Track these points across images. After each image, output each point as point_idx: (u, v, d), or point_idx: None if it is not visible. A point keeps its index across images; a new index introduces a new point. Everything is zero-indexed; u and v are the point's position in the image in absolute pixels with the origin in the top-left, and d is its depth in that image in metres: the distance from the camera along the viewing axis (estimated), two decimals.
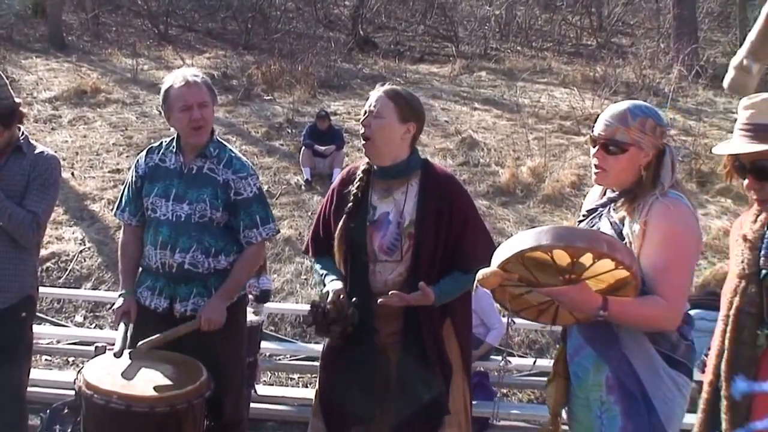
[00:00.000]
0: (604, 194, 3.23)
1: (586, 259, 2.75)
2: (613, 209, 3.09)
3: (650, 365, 2.93)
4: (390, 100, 3.70)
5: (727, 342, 2.29)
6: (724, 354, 2.32)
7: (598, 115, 3.14)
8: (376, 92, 3.76)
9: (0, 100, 4.10)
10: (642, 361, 2.94)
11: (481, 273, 2.89)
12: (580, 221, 3.27)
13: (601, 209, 3.16)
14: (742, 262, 2.38)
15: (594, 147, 3.10)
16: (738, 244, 2.51)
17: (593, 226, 3.13)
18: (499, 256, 2.88)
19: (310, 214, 11.08)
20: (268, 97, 16.51)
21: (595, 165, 3.10)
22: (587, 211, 3.25)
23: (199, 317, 3.94)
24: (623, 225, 3.00)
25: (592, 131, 3.13)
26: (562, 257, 2.78)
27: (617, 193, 3.11)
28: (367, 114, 3.71)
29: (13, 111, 4.17)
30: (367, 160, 3.85)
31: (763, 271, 2.50)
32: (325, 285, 3.80)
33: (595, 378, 3.09)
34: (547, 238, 2.75)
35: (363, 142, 3.72)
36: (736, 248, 2.60)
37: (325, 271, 3.89)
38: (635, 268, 2.78)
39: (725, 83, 1.21)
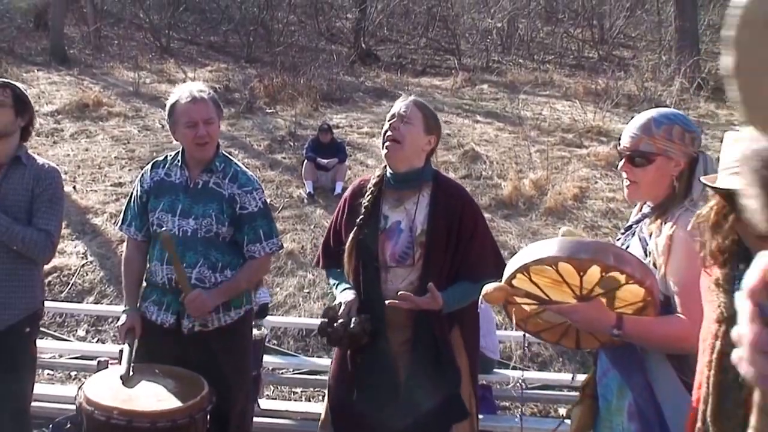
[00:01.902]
0: (641, 210, 3.12)
1: (594, 273, 2.65)
2: (645, 225, 2.95)
3: (674, 397, 2.74)
4: (418, 109, 3.77)
5: (711, 387, 2.17)
6: (709, 400, 2.19)
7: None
8: (405, 99, 3.83)
9: (15, 87, 4.25)
10: (666, 392, 2.77)
11: (486, 288, 2.85)
12: (618, 239, 3.15)
13: (635, 226, 3.04)
14: (719, 306, 2.22)
15: (621, 161, 2.98)
16: (711, 290, 2.31)
17: (626, 244, 3.02)
18: (506, 270, 2.82)
19: (312, 227, 11.08)
20: (271, 110, 16.54)
21: (626, 179, 2.98)
22: (625, 228, 3.13)
23: (186, 294, 3.93)
24: (649, 241, 2.86)
25: (618, 144, 3.01)
26: (569, 272, 2.69)
27: (651, 207, 2.98)
28: (396, 118, 3.74)
29: (26, 102, 4.28)
30: (379, 172, 3.89)
31: None
32: (336, 296, 3.83)
33: (618, 403, 2.97)
34: (550, 250, 2.67)
35: (387, 143, 3.72)
36: (709, 294, 2.38)
37: (336, 281, 3.93)
38: (649, 283, 2.64)
39: None
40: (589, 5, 24.62)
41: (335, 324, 3.63)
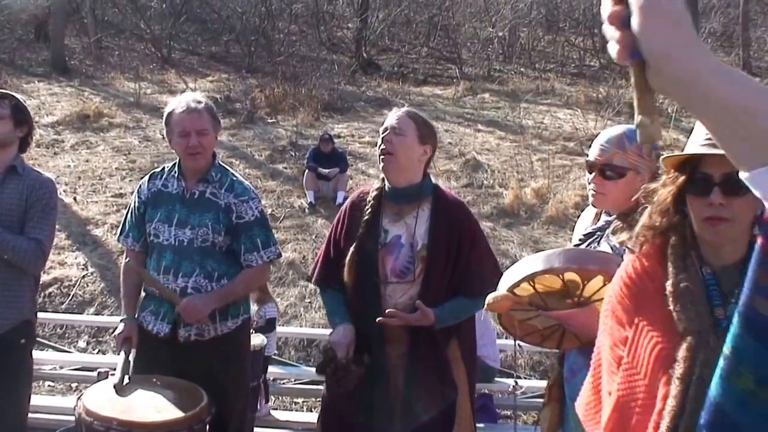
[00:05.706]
0: (598, 218, 3.19)
1: (596, 282, 2.69)
2: (612, 233, 3.01)
3: None
4: (411, 119, 3.73)
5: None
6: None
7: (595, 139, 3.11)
8: (397, 111, 3.79)
9: (13, 98, 4.27)
10: None
11: (491, 297, 2.85)
12: (577, 245, 3.19)
13: (599, 233, 3.10)
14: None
15: (590, 173, 3.05)
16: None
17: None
18: (509, 279, 2.83)
19: (314, 237, 11.06)
20: (272, 120, 16.55)
21: (593, 189, 3.05)
22: (584, 235, 3.19)
23: (180, 300, 3.94)
24: (625, 250, 2.81)
25: (587, 156, 3.09)
26: (571, 280, 2.72)
27: (614, 216, 3.05)
28: (388, 131, 3.70)
29: (25, 114, 4.30)
30: (377, 184, 3.85)
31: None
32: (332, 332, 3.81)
33: None
34: (559, 260, 2.71)
35: (383, 157, 3.70)
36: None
37: (333, 314, 3.90)
38: None
39: (638, 140, 1.14)
40: (590, 14, 24.60)
41: (333, 361, 3.63)
